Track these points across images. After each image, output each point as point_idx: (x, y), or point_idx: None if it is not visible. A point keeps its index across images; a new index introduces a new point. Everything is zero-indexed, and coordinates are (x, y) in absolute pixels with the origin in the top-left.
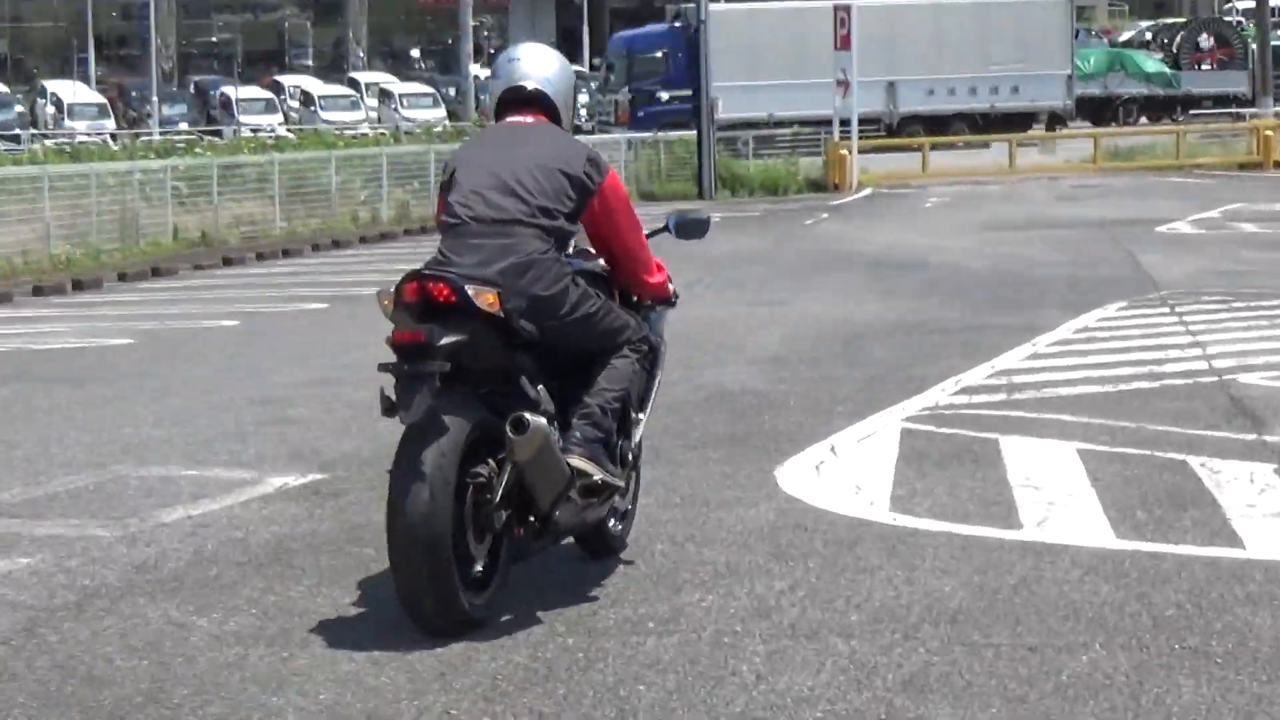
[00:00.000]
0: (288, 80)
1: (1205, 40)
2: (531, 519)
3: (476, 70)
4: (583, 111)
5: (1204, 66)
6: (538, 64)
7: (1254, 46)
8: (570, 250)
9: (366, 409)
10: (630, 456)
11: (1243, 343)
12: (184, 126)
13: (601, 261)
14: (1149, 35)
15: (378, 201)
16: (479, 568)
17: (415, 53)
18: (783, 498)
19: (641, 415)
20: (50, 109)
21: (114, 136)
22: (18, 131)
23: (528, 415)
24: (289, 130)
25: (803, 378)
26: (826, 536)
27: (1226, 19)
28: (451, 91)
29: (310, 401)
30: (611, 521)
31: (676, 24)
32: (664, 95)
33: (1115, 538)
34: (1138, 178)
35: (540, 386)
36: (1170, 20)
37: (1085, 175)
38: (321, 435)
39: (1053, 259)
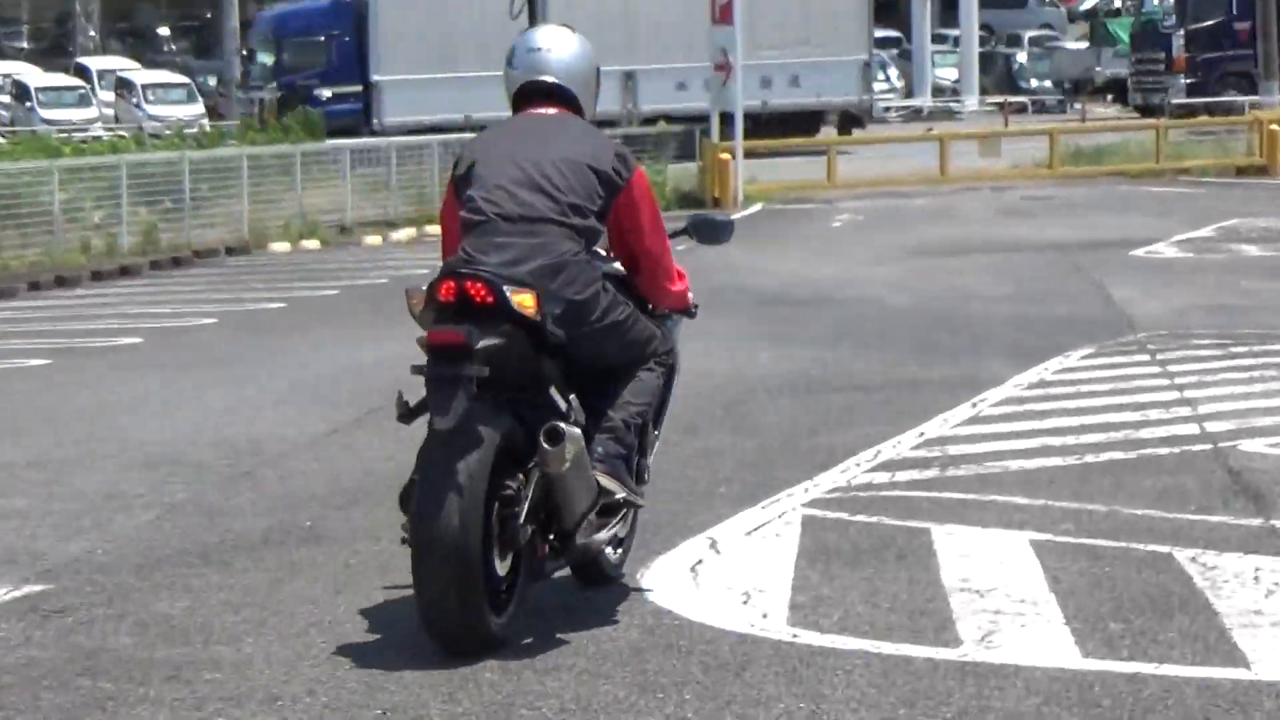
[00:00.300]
0: None
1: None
2: (551, 537)
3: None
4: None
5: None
6: (560, 54)
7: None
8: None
9: (103, 498)
10: (647, 476)
11: (1244, 399)
12: None
13: (618, 265)
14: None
15: (115, 225)
16: (502, 586)
17: (164, 31)
18: (649, 609)
19: (658, 432)
20: None
21: None
22: None
23: (563, 425)
24: None
25: (675, 451)
26: (706, 659)
27: None
28: (211, 81)
29: (28, 489)
30: (609, 549)
31: None
32: (324, 93)
33: (1081, 656)
34: (1108, 187)
35: (572, 396)
36: None
37: (1040, 184)
38: (42, 534)
39: (998, 293)
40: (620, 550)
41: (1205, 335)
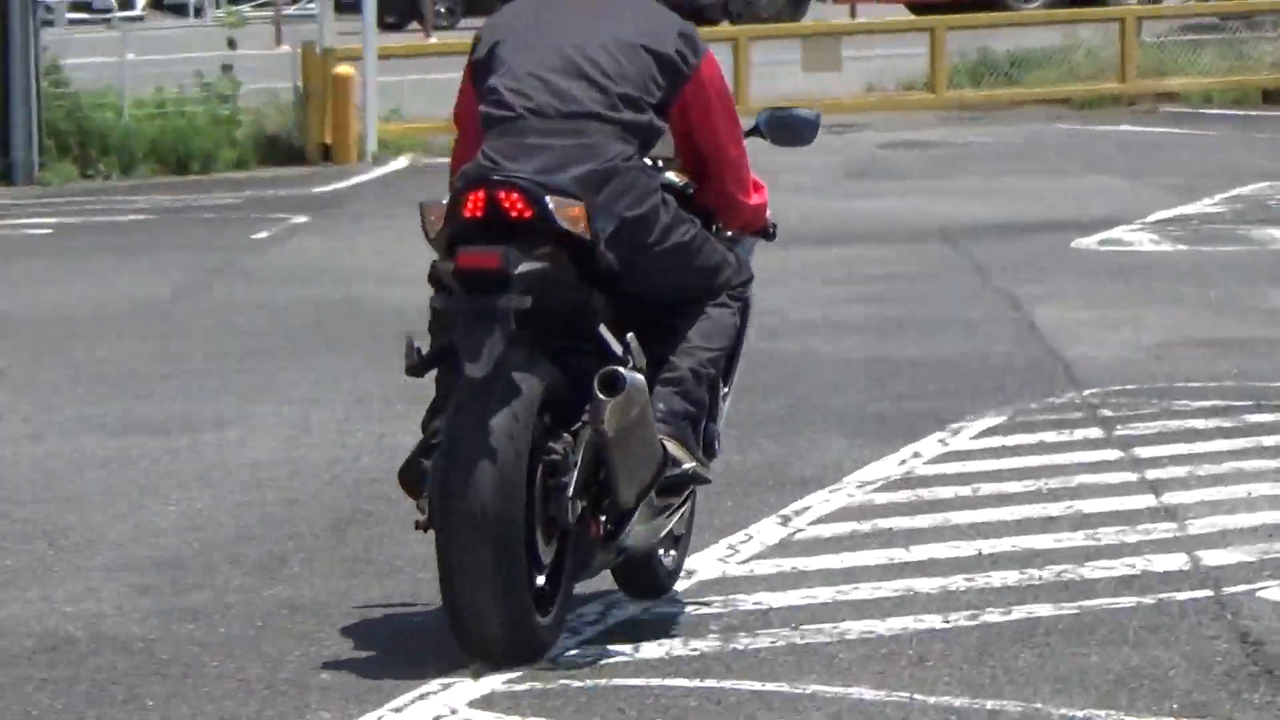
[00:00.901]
0: None
1: None
2: (604, 518)
3: None
4: None
5: None
6: None
7: None
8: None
9: None
10: (718, 446)
11: (1263, 508)
12: None
13: (672, 175)
14: None
15: None
16: (543, 578)
17: None
18: None
19: (728, 390)
20: None
21: None
22: None
23: (623, 371)
24: None
25: (229, 599)
26: None
27: None
28: None
29: None
30: (662, 549)
31: None
32: None
33: None
34: (1036, 124)
35: (630, 336)
36: None
37: (915, 119)
38: None
39: (839, 319)
40: (675, 553)
41: (1199, 394)
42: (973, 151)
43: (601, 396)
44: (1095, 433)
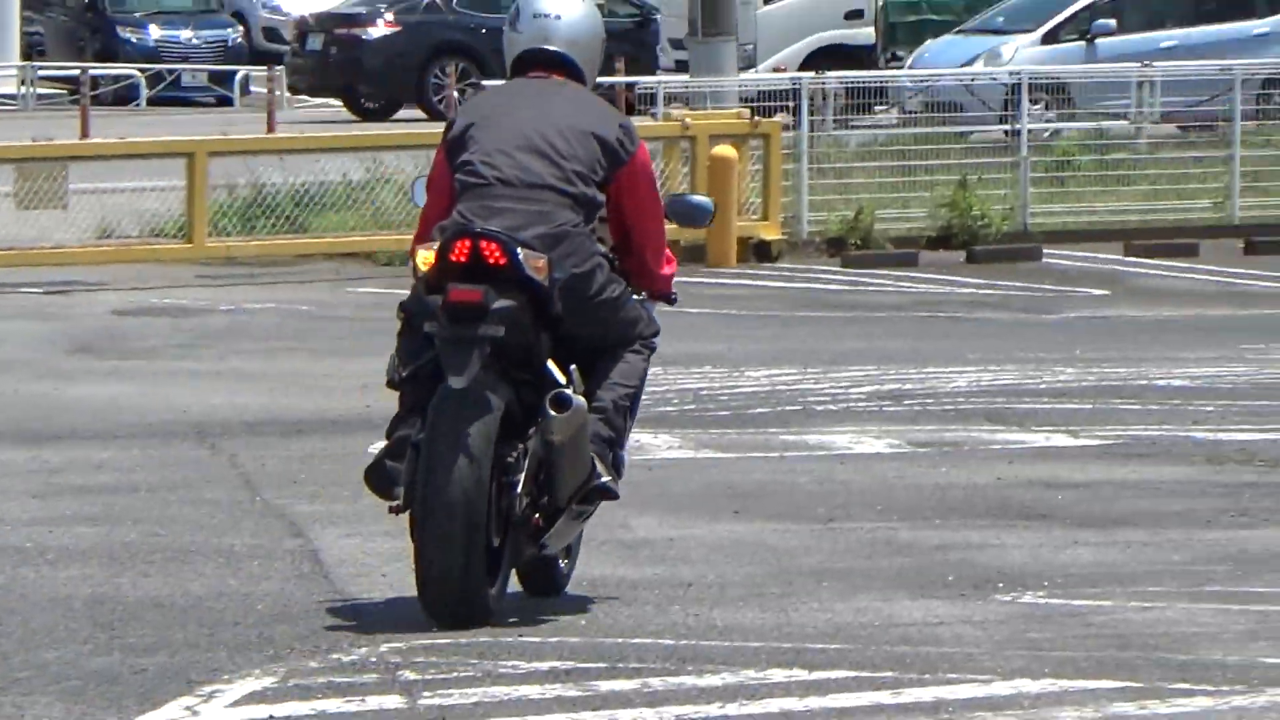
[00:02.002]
0: None
1: None
2: (537, 515)
3: None
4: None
5: None
6: (568, 20)
7: None
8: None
9: None
10: (622, 469)
11: None
12: None
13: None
14: None
15: None
16: (495, 558)
17: None
18: None
19: (632, 424)
20: None
21: None
22: None
23: (570, 393)
24: None
25: None
26: None
27: None
28: None
29: None
30: (562, 559)
31: None
32: None
33: None
34: (328, 287)
35: (573, 368)
36: None
37: (170, 278)
38: None
39: (52, 542)
40: (568, 561)
41: (534, 653)
42: (242, 322)
43: (553, 413)
44: (394, 701)
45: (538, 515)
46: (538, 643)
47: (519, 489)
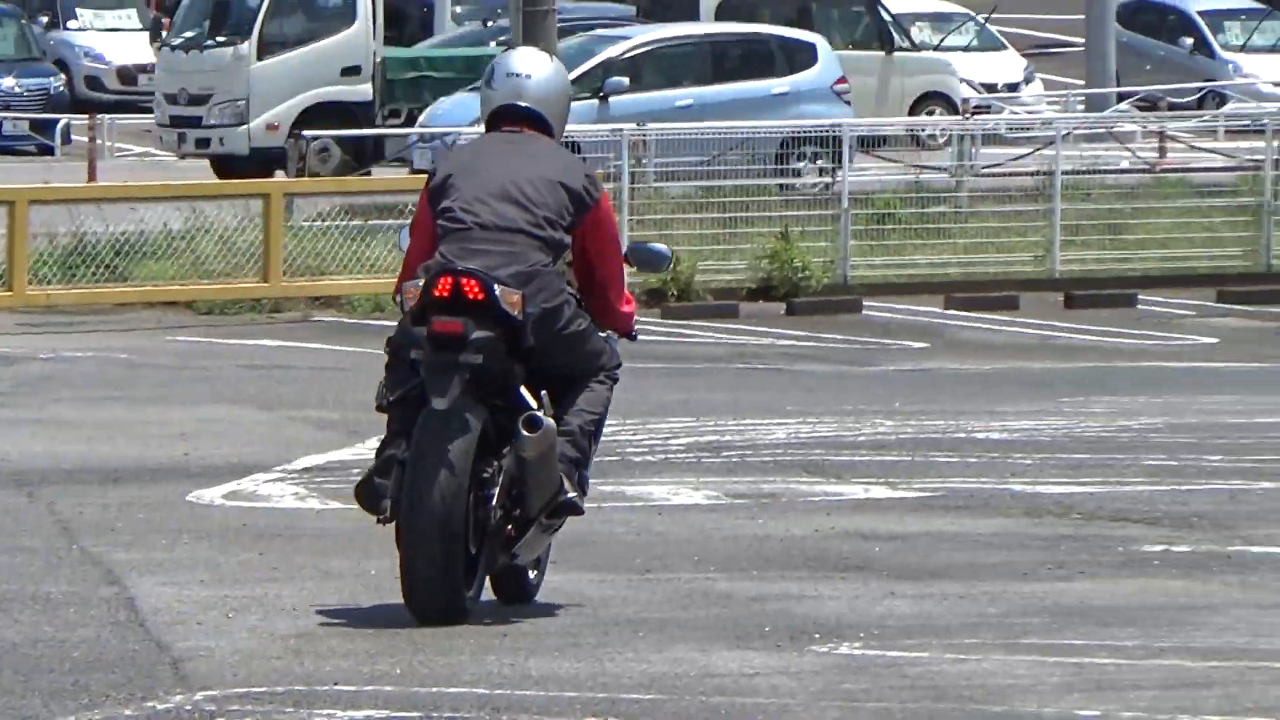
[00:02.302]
0: None
1: None
2: (510, 528)
3: None
4: None
5: None
6: (537, 79)
7: None
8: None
9: None
10: (586, 487)
11: None
12: None
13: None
14: None
15: None
16: (472, 564)
17: None
18: None
19: (596, 447)
20: None
21: None
22: None
23: (541, 415)
24: None
25: None
26: None
27: None
28: None
29: None
30: (532, 570)
31: None
32: None
33: None
34: (146, 336)
35: (544, 394)
36: None
37: None
38: None
39: None
40: (537, 572)
41: (352, 702)
42: (61, 370)
43: (525, 433)
44: None
45: (510, 527)
46: (353, 691)
47: (494, 502)
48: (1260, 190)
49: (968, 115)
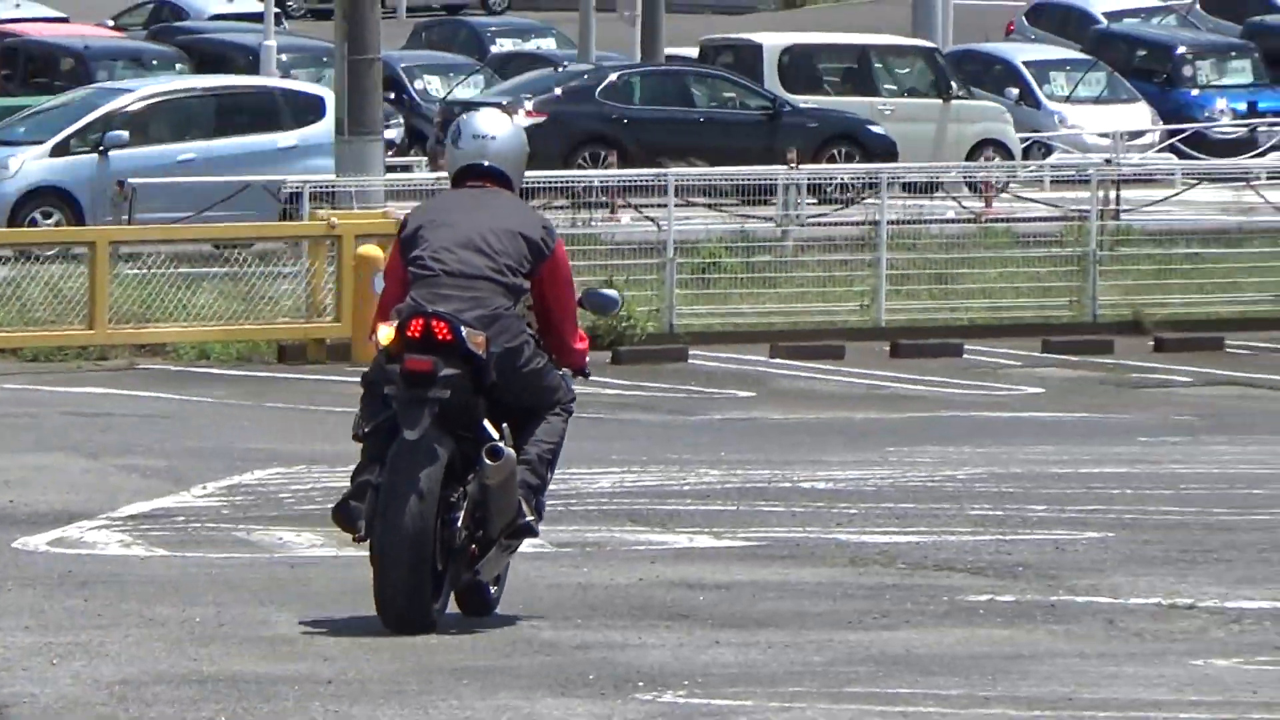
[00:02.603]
0: None
1: None
2: (474, 547)
3: None
4: None
5: None
6: (500, 139)
7: None
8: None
9: None
10: (542, 512)
11: None
12: None
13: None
14: None
15: None
16: (435, 581)
17: None
18: None
19: (552, 475)
20: None
21: None
22: None
23: (503, 445)
24: None
25: None
26: None
27: None
28: None
29: None
30: (493, 585)
31: None
32: None
33: None
34: None
35: (505, 426)
36: None
37: None
38: None
39: None
40: (497, 588)
41: None
42: None
43: (488, 461)
44: None
45: (474, 546)
46: None
47: (459, 524)
48: (1085, 241)
49: (794, 166)
